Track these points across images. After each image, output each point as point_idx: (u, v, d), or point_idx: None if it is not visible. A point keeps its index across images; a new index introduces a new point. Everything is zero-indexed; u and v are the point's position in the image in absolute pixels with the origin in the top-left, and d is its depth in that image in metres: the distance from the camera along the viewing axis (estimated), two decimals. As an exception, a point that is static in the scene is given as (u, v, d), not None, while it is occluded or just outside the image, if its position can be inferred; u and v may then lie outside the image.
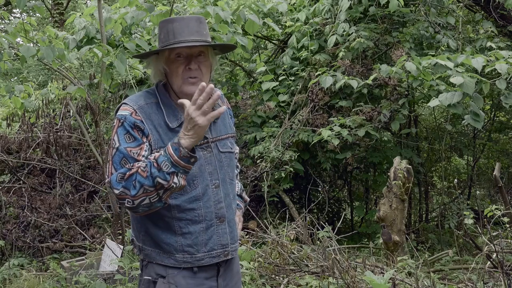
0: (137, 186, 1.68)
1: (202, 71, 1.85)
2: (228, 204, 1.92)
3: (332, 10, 6.12)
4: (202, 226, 1.84)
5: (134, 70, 5.08)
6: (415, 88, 5.54)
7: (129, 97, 1.89)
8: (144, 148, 1.77)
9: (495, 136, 8.93)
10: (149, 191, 1.69)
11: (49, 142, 6.38)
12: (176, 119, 1.84)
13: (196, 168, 1.83)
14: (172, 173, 1.68)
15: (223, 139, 1.96)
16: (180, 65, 1.82)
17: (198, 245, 1.84)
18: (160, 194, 1.71)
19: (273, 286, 3.82)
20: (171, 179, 1.68)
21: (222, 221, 1.89)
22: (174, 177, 1.69)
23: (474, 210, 7.14)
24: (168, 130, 1.82)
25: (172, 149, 1.68)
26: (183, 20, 1.85)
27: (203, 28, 1.86)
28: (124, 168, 1.72)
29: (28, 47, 3.91)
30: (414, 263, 4.03)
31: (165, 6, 4.68)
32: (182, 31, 1.81)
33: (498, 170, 4.71)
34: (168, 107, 1.85)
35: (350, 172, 7.47)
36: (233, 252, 1.94)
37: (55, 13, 13.21)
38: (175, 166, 1.68)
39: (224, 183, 1.91)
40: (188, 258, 1.84)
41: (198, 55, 1.84)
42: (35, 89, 7.35)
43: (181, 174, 1.70)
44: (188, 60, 1.83)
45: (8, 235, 5.40)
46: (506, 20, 6.02)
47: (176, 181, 1.69)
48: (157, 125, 1.81)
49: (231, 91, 7.04)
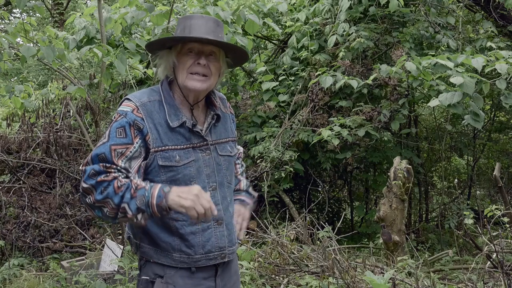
0: (104, 194, 1.68)
1: (211, 70, 1.84)
2: (226, 207, 1.92)
3: (332, 10, 6.12)
4: (199, 227, 1.84)
5: (134, 70, 5.08)
6: (415, 88, 5.54)
7: (133, 93, 1.88)
8: (130, 149, 1.75)
9: (495, 136, 8.93)
10: (111, 206, 1.69)
11: (49, 142, 6.38)
12: (177, 119, 1.83)
13: (194, 169, 1.83)
14: (141, 210, 1.69)
15: (223, 143, 1.95)
16: (189, 59, 1.82)
17: (195, 247, 1.83)
18: (117, 216, 1.71)
19: (273, 286, 3.82)
20: (136, 213, 1.69)
21: (220, 223, 1.88)
22: (140, 214, 1.69)
23: (474, 210, 7.14)
24: (168, 129, 1.81)
25: (157, 194, 1.69)
26: (202, 18, 1.85)
27: (219, 31, 1.86)
28: (100, 167, 1.71)
29: (28, 47, 3.91)
30: (414, 263, 4.03)
31: (165, 6, 4.68)
32: (199, 28, 1.82)
33: (498, 170, 4.71)
34: (170, 106, 1.85)
35: (350, 172, 7.47)
36: (230, 255, 1.93)
37: (55, 13, 13.22)
38: (147, 207, 1.68)
39: (222, 186, 1.91)
40: (185, 258, 1.83)
41: (209, 55, 1.84)
42: (35, 89, 7.35)
43: (147, 215, 1.70)
44: (199, 56, 1.83)
45: (8, 235, 5.40)
46: (506, 20, 6.03)
47: (139, 218, 1.70)
48: (157, 124, 1.80)
49: (231, 91, 7.04)
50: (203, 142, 1.87)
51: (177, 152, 1.81)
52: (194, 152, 1.84)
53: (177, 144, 1.82)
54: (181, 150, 1.82)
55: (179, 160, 1.81)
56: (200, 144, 1.86)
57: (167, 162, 1.80)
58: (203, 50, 1.83)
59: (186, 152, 1.83)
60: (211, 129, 1.91)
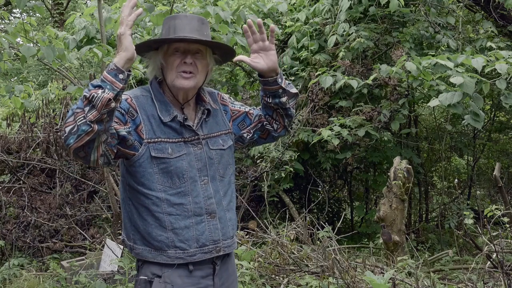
0: (70, 112, 1.64)
1: (198, 68, 1.87)
2: (218, 200, 1.92)
3: (332, 10, 6.12)
4: (192, 221, 1.85)
5: (134, 70, 5.08)
6: (415, 88, 5.54)
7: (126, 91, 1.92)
8: (122, 126, 1.76)
9: (495, 136, 8.93)
10: (76, 112, 1.62)
11: (49, 142, 6.38)
12: (168, 114, 1.86)
13: (185, 163, 1.84)
14: (98, 86, 1.63)
15: (215, 137, 1.97)
16: (176, 59, 1.85)
17: (190, 241, 1.84)
18: (85, 112, 1.60)
19: (273, 286, 3.82)
20: (94, 89, 1.62)
21: (213, 217, 1.89)
22: (98, 89, 1.63)
23: (474, 210, 7.14)
24: (160, 122, 1.85)
25: (105, 69, 1.68)
26: (186, 17, 1.88)
27: (204, 28, 1.89)
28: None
29: (28, 46, 3.91)
30: (414, 263, 4.03)
31: (165, 6, 4.68)
32: (184, 28, 1.84)
33: (498, 170, 4.71)
34: (161, 102, 1.88)
35: (350, 172, 7.46)
36: (225, 249, 1.93)
37: (55, 13, 13.23)
38: (103, 81, 1.64)
39: (214, 180, 1.92)
40: (180, 254, 1.84)
41: (196, 53, 1.87)
42: (35, 89, 7.35)
43: (108, 90, 1.63)
44: (185, 55, 1.85)
45: (8, 235, 5.40)
46: (506, 20, 6.02)
47: (99, 92, 1.61)
48: (150, 116, 1.84)
49: (231, 91, 7.05)
50: (195, 136, 1.90)
51: (169, 145, 1.84)
52: (185, 146, 1.87)
53: (169, 137, 1.85)
54: (173, 143, 1.85)
55: (171, 153, 1.83)
56: (191, 138, 1.89)
57: (159, 154, 1.82)
58: (189, 49, 1.86)
59: (178, 146, 1.85)
60: (202, 124, 1.94)
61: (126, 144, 1.79)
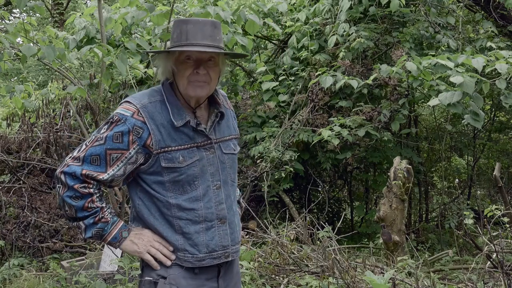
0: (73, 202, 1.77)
1: (211, 76, 1.83)
2: (229, 205, 1.91)
3: (332, 10, 6.12)
4: (202, 226, 1.83)
5: (134, 70, 5.08)
6: (415, 88, 5.54)
7: (134, 95, 1.87)
8: (125, 155, 1.76)
9: (495, 136, 8.93)
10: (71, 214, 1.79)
11: (49, 142, 6.37)
12: (181, 118, 1.82)
13: (198, 169, 1.82)
14: (94, 239, 1.83)
15: (227, 141, 1.95)
16: (188, 68, 1.80)
17: (199, 246, 1.83)
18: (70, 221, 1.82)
19: (273, 286, 3.82)
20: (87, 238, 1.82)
21: (223, 222, 1.88)
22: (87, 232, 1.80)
23: (474, 210, 7.14)
24: (172, 129, 1.80)
25: (114, 235, 1.82)
26: (198, 23, 1.80)
27: (217, 33, 1.83)
28: (81, 177, 1.75)
29: (29, 46, 3.91)
30: (414, 263, 4.03)
31: (165, 6, 4.68)
32: (196, 34, 1.78)
33: (498, 170, 4.71)
34: (174, 106, 1.83)
35: (350, 172, 7.46)
36: (233, 254, 1.93)
37: (55, 13, 13.23)
38: (99, 238, 1.82)
39: (226, 184, 1.90)
40: (189, 257, 1.83)
41: (208, 60, 1.82)
42: (35, 89, 7.34)
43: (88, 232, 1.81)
44: (197, 64, 1.80)
45: (8, 235, 5.40)
46: (506, 20, 6.03)
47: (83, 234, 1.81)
48: (159, 125, 1.79)
49: (231, 91, 7.04)
50: (207, 140, 1.86)
51: (180, 153, 1.80)
52: (198, 151, 1.84)
53: (180, 144, 1.81)
54: (185, 150, 1.82)
55: (182, 161, 1.80)
56: (204, 143, 1.86)
57: (170, 164, 1.79)
58: (201, 58, 1.81)
59: (190, 152, 1.82)
60: (214, 127, 1.91)
61: (133, 166, 1.84)
